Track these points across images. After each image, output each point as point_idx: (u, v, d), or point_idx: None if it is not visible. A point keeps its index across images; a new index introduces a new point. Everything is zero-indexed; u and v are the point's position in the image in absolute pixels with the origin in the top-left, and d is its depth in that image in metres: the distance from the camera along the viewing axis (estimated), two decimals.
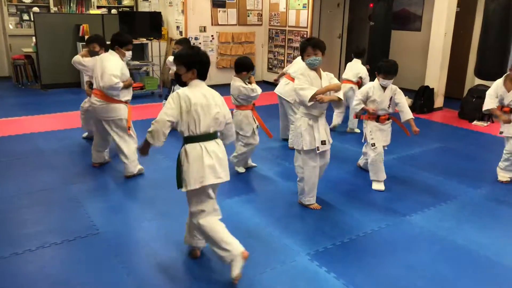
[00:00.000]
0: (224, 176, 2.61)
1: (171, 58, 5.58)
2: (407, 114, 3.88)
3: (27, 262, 2.78)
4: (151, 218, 3.40)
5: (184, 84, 2.58)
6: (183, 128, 2.51)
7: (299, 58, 5.32)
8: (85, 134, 5.34)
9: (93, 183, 4.06)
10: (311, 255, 2.91)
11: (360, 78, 5.61)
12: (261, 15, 9.25)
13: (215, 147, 2.58)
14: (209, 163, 2.52)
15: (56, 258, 2.85)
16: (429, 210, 3.62)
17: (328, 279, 2.66)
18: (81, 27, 8.02)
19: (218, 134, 2.66)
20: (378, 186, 3.99)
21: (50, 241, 3.01)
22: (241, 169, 4.33)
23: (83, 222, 3.29)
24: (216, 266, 2.78)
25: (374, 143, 3.91)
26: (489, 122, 6.44)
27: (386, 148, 4.06)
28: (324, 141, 3.39)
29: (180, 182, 2.56)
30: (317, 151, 3.39)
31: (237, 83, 4.05)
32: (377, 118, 3.93)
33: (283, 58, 9.00)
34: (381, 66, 3.85)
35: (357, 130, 5.84)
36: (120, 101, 4.09)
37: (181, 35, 8.35)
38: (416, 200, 3.79)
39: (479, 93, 6.61)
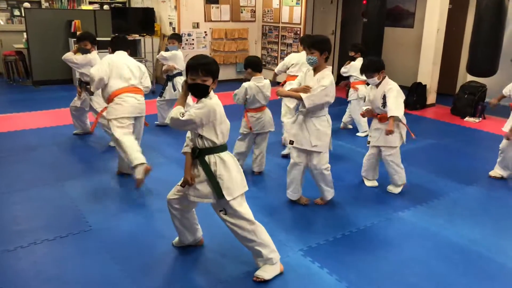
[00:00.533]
0: None
1: (164, 53, 5.54)
2: (388, 112, 3.61)
3: (19, 258, 2.76)
4: (145, 214, 3.39)
5: (204, 95, 2.43)
6: (217, 138, 2.45)
7: (292, 54, 5.30)
8: (77, 130, 5.31)
9: (85, 179, 4.03)
10: (304, 251, 2.92)
11: None
12: (255, 12, 9.23)
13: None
14: (241, 169, 2.59)
15: (48, 255, 2.83)
16: (422, 206, 3.64)
17: (321, 275, 2.67)
18: (73, 23, 7.95)
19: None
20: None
21: (42, 238, 2.99)
22: None
23: (76, 219, 3.28)
24: (210, 261, 2.79)
25: (369, 141, 3.90)
26: (480, 119, 6.49)
27: (384, 150, 3.80)
28: (289, 139, 3.46)
29: (221, 192, 2.45)
30: (288, 144, 3.46)
31: (268, 81, 4.05)
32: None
33: (276, 55, 8.99)
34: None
35: (350, 126, 5.86)
36: None
37: (174, 31, 8.31)
38: (408, 196, 3.81)
39: (471, 90, 6.66)
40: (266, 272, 2.58)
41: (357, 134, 5.62)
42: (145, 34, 8.11)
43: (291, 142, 3.43)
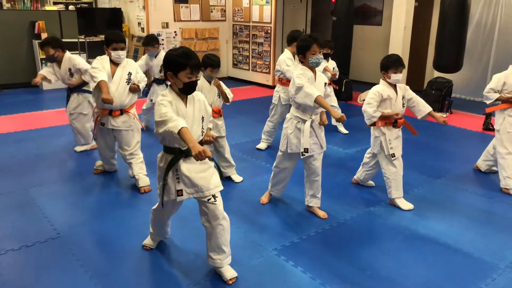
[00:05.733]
0: None
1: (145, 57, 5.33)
2: (426, 107, 4.02)
3: None
4: (113, 218, 3.32)
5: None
6: None
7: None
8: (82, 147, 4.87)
9: (52, 185, 3.91)
10: (278, 250, 2.92)
11: None
12: (225, 11, 9.18)
13: None
14: None
15: (14, 265, 2.73)
16: None
17: (295, 273, 2.68)
18: (37, 24, 7.72)
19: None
20: (406, 205, 3.58)
21: (7, 248, 2.88)
22: None
23: (43, 226, 3.17)
24: (183, 264, 2.75)
25: (394, 153, 3.55)
26: (447, 113, 6.66)
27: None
28: (306, 149, 3.22)
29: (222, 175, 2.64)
30: (301, 156, 3.28)
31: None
32: (395, 123, 3.61)
33: (248, 54, 8.98)
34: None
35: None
36: None
37: (143, 32, 8.18)
38: (378, 192, 3.86)
39: (438, 85, 6.82)
40: (232, 271, 2.61)
41: (341, 129, 5.66)
42: None
43: (306, 151, 3.23)
